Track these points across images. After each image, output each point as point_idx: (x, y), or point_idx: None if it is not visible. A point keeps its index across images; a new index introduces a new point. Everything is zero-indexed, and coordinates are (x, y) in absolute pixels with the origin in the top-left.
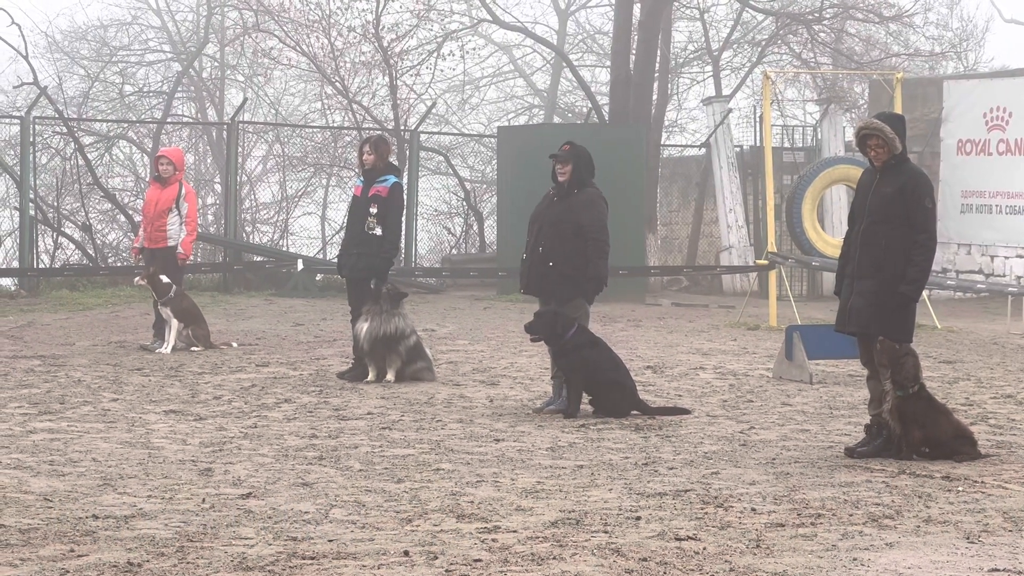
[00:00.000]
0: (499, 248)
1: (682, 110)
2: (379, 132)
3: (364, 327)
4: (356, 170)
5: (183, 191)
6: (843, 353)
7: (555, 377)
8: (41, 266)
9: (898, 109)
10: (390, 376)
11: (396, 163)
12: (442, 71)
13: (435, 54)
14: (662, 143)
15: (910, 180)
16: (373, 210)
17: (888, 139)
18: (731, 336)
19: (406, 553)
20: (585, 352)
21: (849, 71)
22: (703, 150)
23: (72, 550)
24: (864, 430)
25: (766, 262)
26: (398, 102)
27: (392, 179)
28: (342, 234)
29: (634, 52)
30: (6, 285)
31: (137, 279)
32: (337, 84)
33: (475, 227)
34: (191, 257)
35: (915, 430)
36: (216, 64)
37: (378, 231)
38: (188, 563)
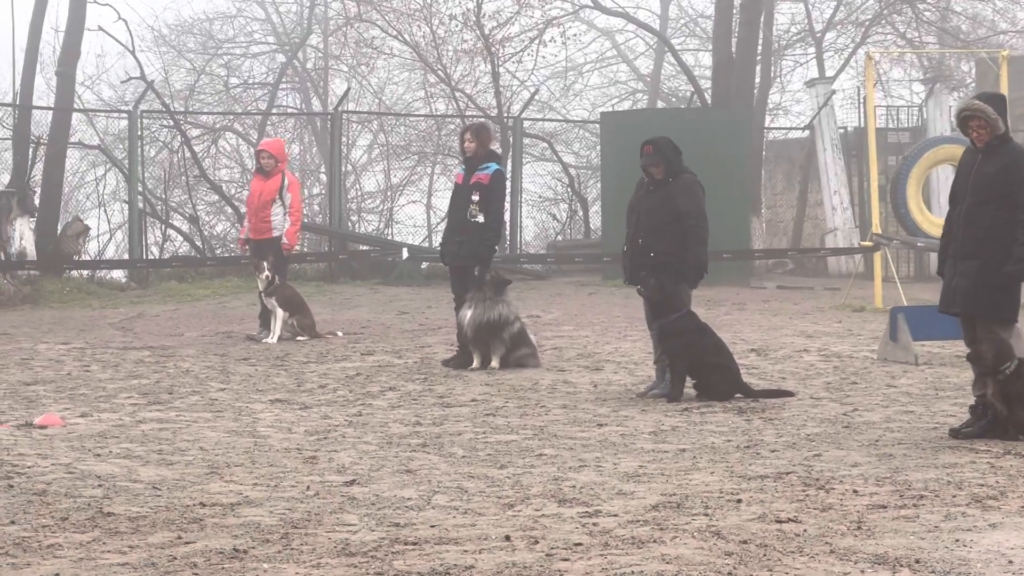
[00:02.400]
0: (604, 233)
1: (786, 92)
2: (481, 120)
3: (468, 314)
4: (459, 157)
5: (286, 181)
6: (949, 334)
7: (658, 361)
8: (150, 258)
9: (1004, 88)
10: (494, 363)
11: (498, 150)
12: (544, 58)
13: (537, 41)
14: (766, 126)
15: (1014, 159)
16: (475, 197)
17: (991, 120)
18: (836, 318)
19: (507, 538)
20: (690, 337)
21: (954, 50)
22: (807, 132)
23: (179, 537)
24: (969, 411)
25: (871, 243)
26: (500, 89)
27: (494, 166)
28: (446, 222)
29: (735, 35)
30: (117, 277)
31: (258, 273)
32: (439, 72)
33: (580, 213)
34: (296, 246)
35: (1021, 410)
36: (320, 55)
37: (480, 218)
38: (292, 549)
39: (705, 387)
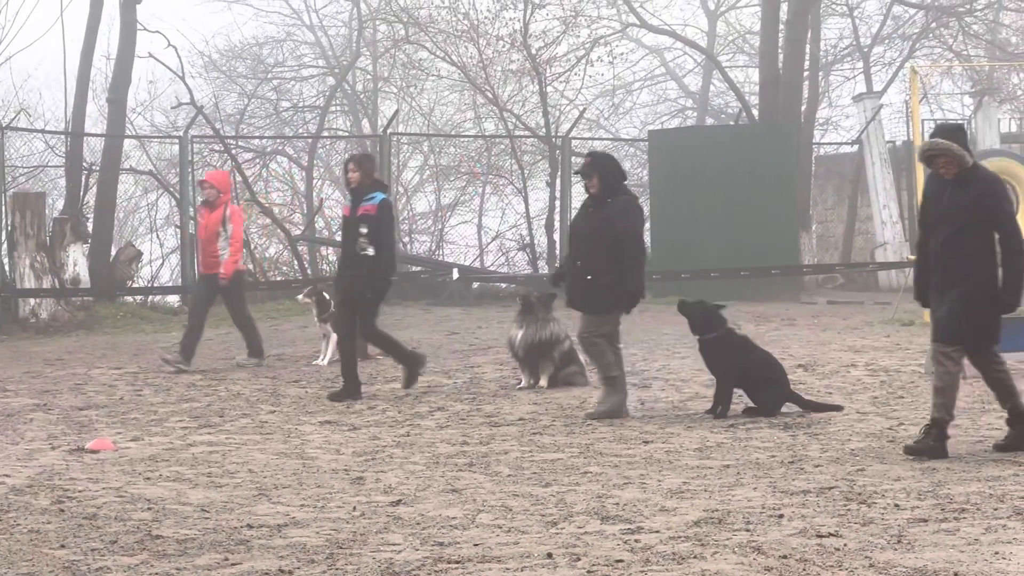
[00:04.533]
0: (653, 250)
1: (835, 107)
2: (362, 150)
3: (519, 334)
4: (507, 177)
5: (228, 212)
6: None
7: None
8: None
9: None
10: (543, 382)
11: (382, 179)
12: (591, 77)
13: (584, 60)
14: (815, 141)
15: (987, 187)
16: (363, 230)
17: (957, 156)
18: (884, 332)
19: (549, 555)
20: (735, 354)
21: (1001, 63)
22: (856, 147)
23: (226, 559)
24: (1006, 423)
25: None
26: (549, 108)
27: (380, 196)
28: (498, 242)
29: (782, 52)
30: (170, 302)
31: (301, 296)
32: (488, 93)
33: None
34: (244, 273)
35: None
36: (369, 77)
37: (370, 251)
38: (337, 569)
39: (756, 400)
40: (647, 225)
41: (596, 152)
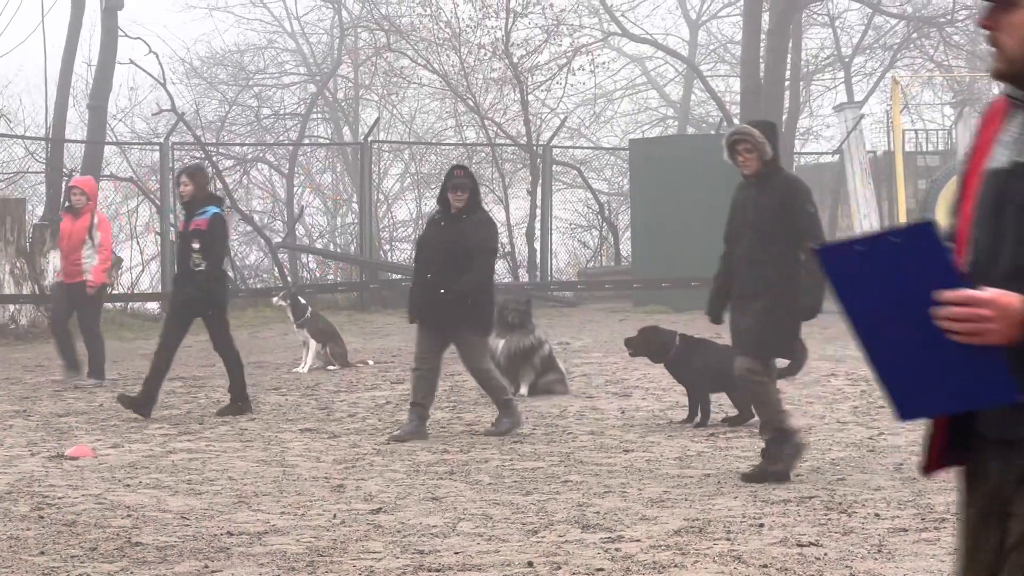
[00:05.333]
0: (634, 260)
1: (816, 117)
2: (196, 162)
3: (500, 344)
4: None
5: (95, 220)
6: None
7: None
8: None
9: None
10: (523, 390)
11: (217, 192)
12: (573, 85)
13: (566, 68)
14: (796, 151)
15: (789, 189)
16: (195, 245)
17: (758, 143)
18: None
19: (530, 564)
20: (696, 360)
21: (982, 73)
22: (836, 157)
23: (206, 566)
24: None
25: None
26: (530, 117)
27: (212, 210)
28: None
29: (763, 61)
30: (150, 309)
31: (276, 299)
32: (469, 101)
33: (610, 240)
34: (109, 283)
35: None
36: (350, 85)
37: (203, 267)
38: None
39: (739, 399)
40: (627, 234)
41: (468, 168)
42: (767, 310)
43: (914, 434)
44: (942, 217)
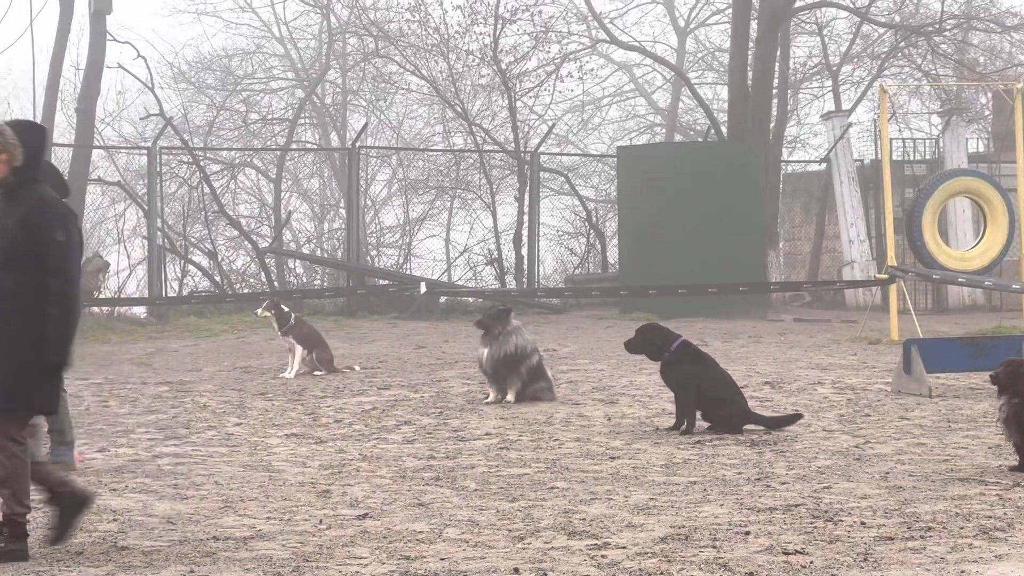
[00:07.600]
0: (621, 267)
1: (803, 125)
2: None
3: (484, 352)
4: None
5: None
6: (963, 366)
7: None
8: (170, 294)
9: (1018, 120)
10: (510, 396)
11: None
12: (561, 92)
13: (554, 75)
14: (784, 159)
15: (36, 207)
16: None
17: (8, 144)
18: (851, 351)
19: (516, 570)
20: (689, 367)
21: (968, 82)
22: (824, 165)
23: (192, 571)
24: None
25: (886, 276)
26: (518, 124)
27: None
28: (465, 256)
29: (751, 69)
30: (136, 313)
31: (260, 310)
32: (457, 107)
33: (597, 247)
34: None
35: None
36: (338, 90)
37: None
38: None
39: (714, 419)
40: (614, 241)
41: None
42: (8, 355)
43: (900, 442)
44: (929, 225)
